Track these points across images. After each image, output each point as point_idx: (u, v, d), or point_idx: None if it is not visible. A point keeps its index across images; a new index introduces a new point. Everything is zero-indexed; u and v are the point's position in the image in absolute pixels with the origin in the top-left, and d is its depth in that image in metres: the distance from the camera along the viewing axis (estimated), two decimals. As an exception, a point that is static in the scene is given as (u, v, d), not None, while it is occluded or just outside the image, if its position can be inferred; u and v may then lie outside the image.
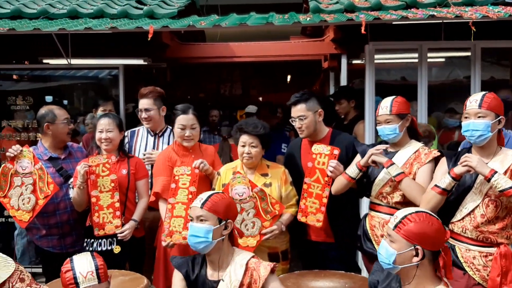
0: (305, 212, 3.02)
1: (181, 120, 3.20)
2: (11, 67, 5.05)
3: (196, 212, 2.24)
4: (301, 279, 2.66)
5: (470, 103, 2.49)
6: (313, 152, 3.03)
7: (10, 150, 3.14)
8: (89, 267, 1.95)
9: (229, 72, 8.86)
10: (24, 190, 3.12)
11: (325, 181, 2.99)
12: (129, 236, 3.14)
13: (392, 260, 1.93)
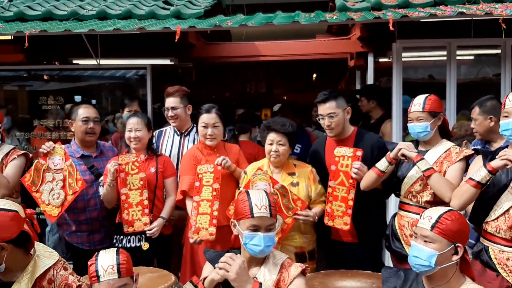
0: (331, 216, 3.00)
1: (204, 118, 3.25)
2: (42, 67, 5.17)
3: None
4: (327, 279, 2.65)
5: (510, 102, 2.44)
6: (336, 155, 3.01)
7: (43, 146, 3.23)
8: (111, 261, 1.98)
9: (254, 71, 8.88)
10: (55, 186, 3.20)
11: (350, 184, 2.97)
12: (157, 233, 3.18)
13: (433, 261, 1.91)
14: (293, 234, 2.99)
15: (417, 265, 1.96)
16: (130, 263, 2.06)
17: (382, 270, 2.18)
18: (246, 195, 2.10)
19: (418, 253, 1.95)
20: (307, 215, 2.89)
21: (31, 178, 3.20)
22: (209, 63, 6.58)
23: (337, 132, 3.12)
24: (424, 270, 1.96)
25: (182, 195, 3.22)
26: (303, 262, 2.98)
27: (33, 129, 4.77)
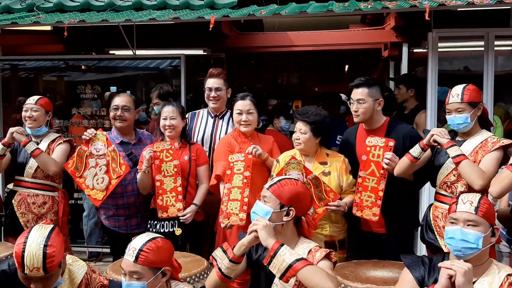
0: (360, 207, 2.98)
1: (238, 105, 3.30)
2: (80, 57, 5.31)
3: (263, 192, 2.25)
4: (359, 268, 2.65)
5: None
6: (367, 145, 2.98)
7: (86, 133, 3.34)
8: (138, 244, 1.98)
9: (286, 62, 8.85)
10: (98, 171, 3.31)
11: (381, 174, 2.94)
12: (190, 219, 3.25)
13: (480, 243, 1.96)
14: (323, 223, 3.00)
15: (463, 249, 1.97)
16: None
17: (401, 257, 2.16)
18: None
19: (465, 236, 1.96)
20: (339, 205, 2.90)
21: (74, 164, 3.32)
22: (241, 53, 6.62)
23: (362, 119, 3.10)
24: (469, 253, 1.97)
25: (216, 180, 3.27)
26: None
27: (71, 117, 4.92)
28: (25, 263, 1.91)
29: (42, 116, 3.47)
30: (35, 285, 1.98)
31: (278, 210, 2.18)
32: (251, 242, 2.11)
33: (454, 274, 1.81)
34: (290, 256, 1.96)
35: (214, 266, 2.20)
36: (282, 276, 1.96)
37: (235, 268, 2.16)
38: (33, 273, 1.93)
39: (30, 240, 1.94)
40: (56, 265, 1.98)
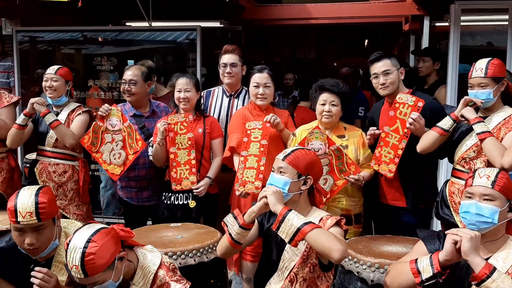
0: (378, 161, 2.98)
1: (255, 78, 3.26)
2: (96, 28, 5.29)
3: (277, 164, 2.25)
4: (372, 243, 2.64)
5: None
6: (397, 101, 2.94)
7: (101, 109, 3.36)
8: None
9: (304, 35, 8.72)
10: (115, 146, 3.33)
11: (404, 133, 2.91)
12: (203, 192, 3.25)
13: (496, 217, 1.93)
14: (340, 196, 2.99)
15: (478, 223, 1.95)
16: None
17: (417, 231, 2.15)
18: None
19: (480, 211, 1.94)
20: (358, 179, 2.88)
21: (90, 140, 3.34)
22: (258, 26, 6.52)
23: (391, 90, 3.03)
24: (484, 227, 1.94)
25: (230, 152, 3.27)
26: (348, 225, 2.99)
27: (88, 89, 4.94)
28: (18, 210, 1.99)
29: (62, 86, 3.49)
30: (29, 238, 2.02)
31: (296, 179, 2.20)
32: (261, 209, 2.12)
33: (460, 240, 1.79)
34: (298, 220, 1.98)
35: (226, 231, 2.22)
36: (291, 240, 1.97)
37: (245, 234, 2.18)
38: (26, 220, 1.99)
39: (22, 192, 2.04)
40: (48, 214, 2.04)
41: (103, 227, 1.82)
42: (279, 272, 2.19)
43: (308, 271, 2.13)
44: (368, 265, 2.35)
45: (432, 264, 1.83)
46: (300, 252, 2.13)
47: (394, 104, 2.95)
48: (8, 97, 3.57)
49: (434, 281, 1.83)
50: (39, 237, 2.05)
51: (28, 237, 2.03)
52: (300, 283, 2.12)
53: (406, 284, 1.92)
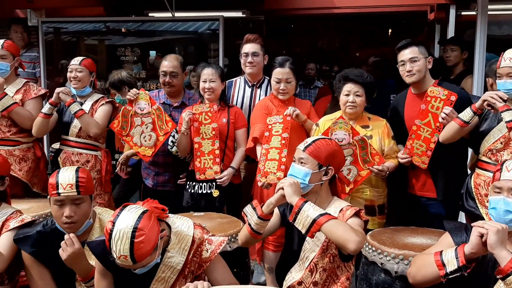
0: (411, 152, 2.97)
1: (277, 73, 3.24)
2: (120, 19, 5.33)
3: (298, 154, 2.24)
4: (396, 234, 2.61)
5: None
6: (429, 95, 2.90)
7: (129, 93, 3.39)
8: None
9: (327, 25, 8.63)
10: (145, 129, 3.36)
11: (436, 127, 2.87)
12: (227, 182, 3.27)
13: None
14: (363, 187, 2.98)
15: (508, 219, 1.91)
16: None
17: (444, 222, 2.12)
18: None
19: (509, 206, 1.91)
20: (382, 169, 2.85)
21: (119, 124, 3.38)
22: (280, 15, 6.49)
23: (418, 78, 3.00)
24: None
25: (253, 143, 3.27)
26: (372, 215, 2.98)
27: (112, 80, 4.98)
28: (59, 182, 2.11)
29: (86, 77, 3.53)
30: (68, 210, 2.11)
31: (317, 170, 2.19)
32: (278, 201, 2.12)
33: (486, 233, 1.77)
34: (314, 211, 1.98)
35: (246, 222, 2.25)
36: (307, 231, 1.98)
37: (264, 225, 2.20)
38: (67, 191, 2.11)
39: (62, 169, 2.19)
40: (87, 189, 2.15)
41: (143, 211, 1.80)
42: (299, 262, 2.20)
43: (328, 261, 2.14)
44: (392, 256, 2.33)
45: (457, 257, 1.81)
46: (321, 243, 2.13)
47: (425, 97, 2.91)
48: (36, 89, 3.62)
49: (458, 274, 1.81)
50: (77, 211, 2.14)
51: (67, 209, 2.12)
52: (320, 273, 2.14)
53: (431, 276, 1.91)
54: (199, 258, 1.99)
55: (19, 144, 3.55)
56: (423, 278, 1.96)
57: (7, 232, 2.27)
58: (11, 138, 3.50)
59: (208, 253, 1.99)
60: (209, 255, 1.99)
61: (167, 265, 1.95)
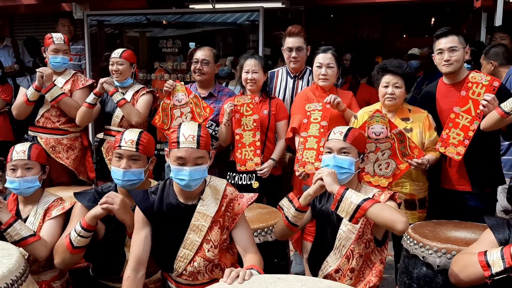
0: (445, 143, 2.89)
1: (319, 58, 3.24)
2: (161, 11, 5.42)
3: (339, 144, 2.25)
4: (439, 228, 2.57)
5: None
6: (470, 81, 2.82)
7: (166, 85, 3.45)
8: (193, 132, 2.05)
9: (367, 14, 8.48)
10: (185, 119, 3.41)
11: (476, 114, 2.79)
12: (267, 173, 3.30)
13: None
14: (403, 181, 2.94)
15: None
16: (209, 138, 2.12)
17: (485, 218, 2.08)
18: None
19: None
20: (421, 162, 2.80)
21: (160, 119, 3.45)
22: (320, 5, 6.41)
23: (455, 68, 2.94)
24: None
25: (292, 133, 3.28)
26: (412, 210, 2.95)
27: (153, 71, 5.09)
28: (123, 137, 2.25)
29: (127, 69, 3.62)
30: (125, 162, 2.22)
31: (358, 158, 2.25)
32: (316, 192, 2.15)
33: None
34: (357, 197, 2.01)
35: (282, 215, 2.28)
36: (351, 218, 2.00)
37: (301, 217, 2.23)
38: (127, 146, 2.23)
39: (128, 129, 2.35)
40: (145, 149, 2.26)
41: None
42: (335, 250, 2.22)
43: (364, 247, 2.16)
44: (435, 250, 2.30)
45: (503, 258, 1.78)
46: (356, 229, 2.15)
47: (466, 83, 2.83)
48: (84, 80, 3.75)
49: (505, 275, 1.78)
50: (133, 165, 2.24)
51: (125, 161, 2.23)
52: (356, 259, 2.16)
53: (474, 277, 1.89)
54: (232, 212, 2.08)
55: (67, 133, 3.69)
56: (466, 278, 1.94)
57: (50, 220, 2.36)
58: (60, 127, 3.66)
59: (240, 206, 2.07)
60: (240, 208, 2.07)
61: (200, 213, 2.05)
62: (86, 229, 2.12)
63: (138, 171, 2.25)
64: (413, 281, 2.39)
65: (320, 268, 2.27)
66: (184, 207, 2.06)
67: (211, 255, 2.04)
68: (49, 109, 3.60)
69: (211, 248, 2.04)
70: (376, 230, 2.15)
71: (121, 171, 2.21)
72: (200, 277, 2.08)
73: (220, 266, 2.08)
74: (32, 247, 2.24)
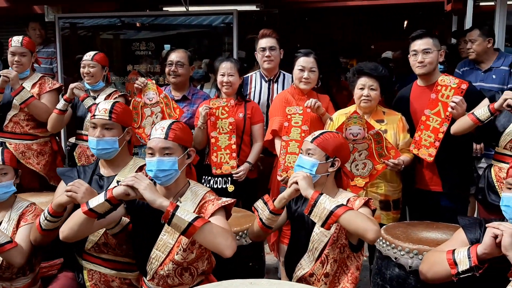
0: (418, 144, 2.96)
1: (301, 61, 3.26)
2: (134, 14, 5.36)
3: (306, 145, 2.27)
4: (411, 229, 2.61)
5: None
6: (439, 83, 2.89)
7: (137, 82, 3.38)
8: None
9: (340, 18, 8.56)
10: (155, 119, 3.36)
11: (446, 116, 2.86)
12: (243, 177, 3.29)
13: None
14: (378, 182, 2.98)
15: None
16: (185, 134, 2.13)
17: (458, 218, 2.12)
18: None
19: None
20: (397, 163, 2.84)
21: None
22: (294, 8, 6.46)
23: (428, 70, 3.00)
24: None
25: (272, 135, 3.28)
26: (387, 210, 2.99)
27: (127, 74, 5.03)
28: (98, 107, 2.31)
29: (99, 72, 3.58)
30: (99, 131, 2.29)
31: (323, 161, 2.22)
32: (291, 195, 2.15)
33: (500, 234, 1.76)
34: (330, 203, 2.00)
35: (256, 216, 2.28)
36: (323, 223, 2.00)
37: (275, 219, 2.23)
38: (101, 115, 2.30)
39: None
40: (119, 118, 2.33)
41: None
42: (309, 253, 2.22)
43: (338, 252, 2.17)
44: (407, 251, 2.33)
45: (469, 257, 1.81)
46: (329, 233, 2.15)
47: (436, 86, 2.90)
48: (51, 83, 3.68)
49: (470, 274, 1.81)
50: (106, 134, 2.30)
51: (98, 132, 2.30)
52: (331, 264, 2.16)
53: (442, 274, 1.92)
54: (205, 214, 2.04)
55: (37, 138, 3.63)
56: (434, 275, 1.97)
57: (26, 225, 2.31)
58: (29, 132, 3.59)
59: (213, 207, 2.03)
60: (213, 208, 2.03)
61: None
62: (52, 215, 2.11)
63: (111, 140, 2.30)
64: (386, 282, 2.42)
65: (294, 270, 2.27)
66: None
67: (179, 258, 2.02)
68: (17, 113, 3.54)
69: (180, 251, 2.02)
70: (349, 234, 2.16)
71: (95, 139, 2.28)
72: (170, 281, 2.06)
73: (190, 270, 2.07)
74: (8, 254, 2.19)
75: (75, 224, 1.98)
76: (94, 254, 2.31)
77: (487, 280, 1.84)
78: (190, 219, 1.83)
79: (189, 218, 1.84)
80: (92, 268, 2.31)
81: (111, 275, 2.30)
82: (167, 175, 2.04)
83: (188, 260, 2.03)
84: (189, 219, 1.83)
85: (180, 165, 2.07)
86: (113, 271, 2.30)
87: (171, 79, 3.58)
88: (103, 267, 2.30)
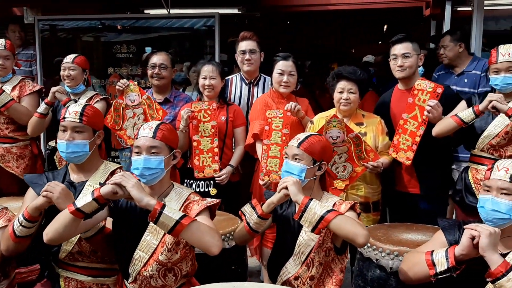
0: (396, 148, 3.00)
1: (280, 65, 3.26)
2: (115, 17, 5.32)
3: (292, 151, 2.26)
4: (391, 231, 2.64)
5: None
6: (416, 88, 2.94)
7: (119, 83, 3.36)
8: (153, 124, 2.13)
9: (323, 22, 8.63)
10: (137, 120, 3.34)
11: (422, 120, 2.91)
12: (226, 180, 3.28)
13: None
14: (358, 184, 3.01)
15: (495, 219, 1.91)
16: (172, 134, 2.15)
17: (438, 220, 2.15)
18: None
19: (497, 206, 1.90)
20: (377, 165, 2.88)
21: (112, 119, 3.36)
22: (276, 12, 6.48)
23: (408, 74, 3.06)
24: (502, 224, 1.91)
25: (253, 139, 3.28)
26: (367, 212, 3.02)
27: (108, 76, 4.99)
28: (68, 110, 2.29)
29: (80, 75, 3.55)
30: (69, 134, 2.26)
31: (311, 166, 2.23)
32: (280, 200, 2.16)
33: (478, 236, 1.79)
34: (321, 208, 2.02)
35: (243, 221, 2.29)
36: (314, 228, 2.01)
37: (263, 224, 2.25)
38: (71, 117, 2.27)
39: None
40: (90, 121, 2.29)
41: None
42: (295, 257, 2.23)
43: (324, 255, 2.18)
44: (387, 252, 2.36)
45: (447, 258, 1.84)
46: (316, 237, 2.16)
47: (412, 90, 2.95)
48: (31, 86, 3.64)
49: (448, 274, 1.84)
50: (76, 137, 2.26)
51: (68, 135, 2.26)
52: (316, 267, 2.18)
53: (421, 275, 1.95)
54: (189, 214, 2.03)
55: (16, 141, 3.58)
56: (413, 276, 2.00)
57: None
58: (9, 135, 3.54)
59: (198, 207, 2.03)
60: (198, 208, 2.03)
61: None
62: (28, 220, 2.07)
63: (82, 143, 2.26)
64: (367, 283, 2.44)
65: (279, 274, 2.27)
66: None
67: (164, 258, 2.02)
68: (-3, 116, 3.48)
69: (164, 251, 2.01)
70: (335, 238, 2.18)
71: (65, 143, 2.24)
72: (153, 282, 2.05)
73: (174, 271, 2.06)
74: None
75: (61, 225, 1.94)
76: (69, 263, 2.26)
77: (465, 281, 1.87)
78: (178, 217, 1.84)
79: (177, 216, 1.84)
80: (68, 276, 2.26)
81: (87, 282, 2.26)
82: (153, 173, 2.04)
83: (172, 260, 2.03)
84: (177, 217, 1.84)
85: (166, 165, 2.08)
86: (89, 277, 2.26)
87: (154, 82, 3.56)
88: (79, 274, 2.25)
